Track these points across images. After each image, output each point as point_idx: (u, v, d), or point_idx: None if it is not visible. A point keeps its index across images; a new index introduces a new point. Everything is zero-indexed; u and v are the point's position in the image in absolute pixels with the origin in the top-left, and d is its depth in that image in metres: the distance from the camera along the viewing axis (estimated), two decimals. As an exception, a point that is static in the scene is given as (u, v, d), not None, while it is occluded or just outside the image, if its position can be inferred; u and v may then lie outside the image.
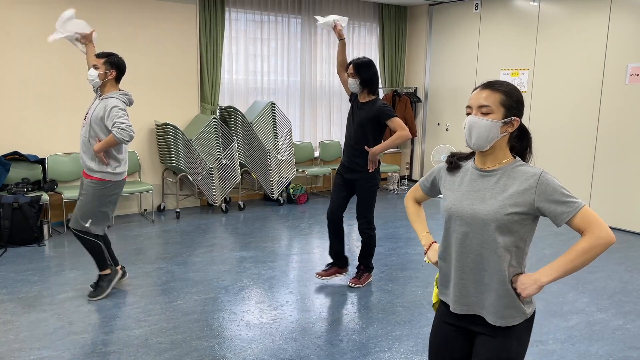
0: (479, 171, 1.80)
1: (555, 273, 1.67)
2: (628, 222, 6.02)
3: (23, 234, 5.07)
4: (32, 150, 5.66)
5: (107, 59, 3.74)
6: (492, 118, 1.72)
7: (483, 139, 1.73)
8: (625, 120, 5.97)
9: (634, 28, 5.83)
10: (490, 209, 1.72)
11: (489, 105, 1.72)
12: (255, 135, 6.52)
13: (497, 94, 1.73)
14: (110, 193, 3.81)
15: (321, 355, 3.20)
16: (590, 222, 1.65)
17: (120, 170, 3.80)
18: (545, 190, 1.68)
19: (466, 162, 1.88)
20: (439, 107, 8.14)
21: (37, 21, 5.56)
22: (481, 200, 1.75)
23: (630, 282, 4.54)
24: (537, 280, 1.69)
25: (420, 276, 4.55)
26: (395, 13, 8.16)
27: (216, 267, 4.65)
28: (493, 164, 1.78)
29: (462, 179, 1.84)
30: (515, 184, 1.72)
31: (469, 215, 1.76)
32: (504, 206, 1.71)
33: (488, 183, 1.77)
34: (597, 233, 1.64)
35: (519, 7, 6.91)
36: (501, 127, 1.72)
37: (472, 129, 1.73)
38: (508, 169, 1.76)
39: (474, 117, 1.74)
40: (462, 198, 1.80)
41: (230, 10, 6.81)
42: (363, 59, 4.04)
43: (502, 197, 1.72)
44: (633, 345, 3.42)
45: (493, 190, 1.75)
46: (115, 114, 3.62)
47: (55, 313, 3.67)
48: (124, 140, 3.60)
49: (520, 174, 1.73)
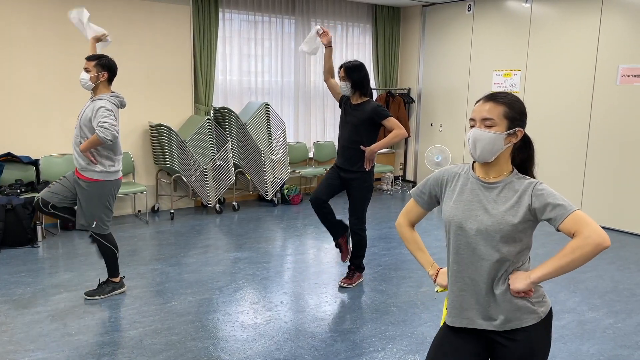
0: (481, 182, 1.81)
1: (544, 270, 1.69)
2: (619, 221, 6.08)
3: (17, 235, 5.05)
4: (25, 151, 5.65)
5: (97, 61, 3.75)
6: (495, 130, 1.73)
7: (487, 152, 1.74)
8: (616, 120, 6.03)
9: (625, 29, 5.88)
10: (494, 220, 1.74)
11: (493, 118, 1.73)
12: (249, 136, 6.53)
13: (500, 107, 1.74)
14: (106, 192, 3.83)
15: (315, 356, 3.22)
16: (580, 224, 1.65)
17: (114, 169, 3.82)
18: (540, 195, 1.71)
19: (463, 171, 1.88)
20: (432, 107, 8.18)
21: (31, 22, 5.54)
22: (485, 212, 1.77)
23: (622, 282, 4.58)
24: (527, 277, 1.73)
25: (414, 276, 4.57)
26: (388, 14, 8.19)
27: (210, 268, 4.66)
28: (497, 175, 1.80)
29: (462, 189, 1.84)
30: (515, 195, 1.75)
31: (473, 227, 1.78)
32: (508, 217, 1.73)
33: (491, 194, 1.78)
34: (585, 233, 1.64)
35: (511, 8, 6.96)
36: (505, 138, 1.74)
37: (476, 142, 1.75)
38: (509, 181, 1.78)
39: (478, 130, 1.75)
40: (465, 209, 1.80)
41: (224, 11, 6.81)
42: (354, 62, 4.08)
43: (504, 208, 1.74)
44: (624, 344, 3.46)
45: (497, 202, 1.76)
46: (101, 114, 3.64)
47: (49, 315, 3.67)
48: (106, 140, 3.62)
49: (518, 185, 1.76)
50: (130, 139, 6.25)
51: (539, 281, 1.72)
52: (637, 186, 5.91)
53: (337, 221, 4.28)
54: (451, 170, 1.91)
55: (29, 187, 5.48)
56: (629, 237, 5.89)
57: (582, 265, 1.70)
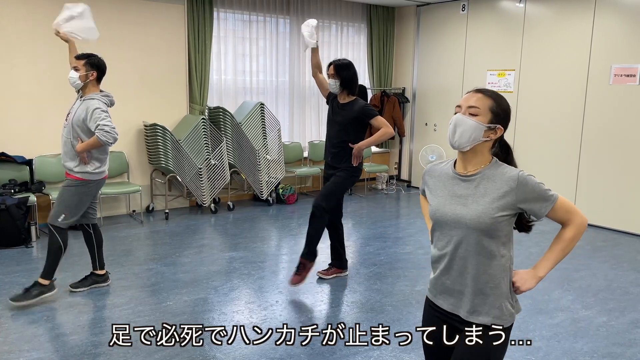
0: (458, 176, 1.83)
1: (548, 265, 1.80)
2: (613, 220, 6.11)
3: (10, 235, 5.03)
4: (19, 151, 5.62)
5: (87, 60, 3.74)
6: (478, 120, 1.76)
7: (465, 138, 1.76)
8: (609, 120, 6.06)
9: (618, 29, 5.92)
10: (473, 213, 1.75)
11: (478, 107, 1.76)
12: (244, 136, 6.53)
13: (488, 100, 1.78)
14: (89, 192, 3.84)
15: (311, 354, 3.22)
16: (569, 211, 1.78)
17: (100, 170, 3.82)
18: (525, 191, 1.73)
19: (446, 166, 1.90)
20: (426, 107, 8.20)
21: (24, 21, 5.52)
22: (463, 206, 1.78)
23: (615, 280, 4.61)
24: (535, 275, 1.81)
25: (409, 275, 4.59)
26: (383, 14, 8.20)
27: (206, 268, 4.66)
28: (474, 168, 1.81)
29: (443, 184, 1.87)
30: (495, 186, 1.76)
31: (452, 221, 1.80)
32: (487, 210, 1.74)
33: (468, 188, 1.80)
34: (578, 220, 1.78)
35: (505, 8, 6.98)
36: (485, 130, 1.76)
37: (457, 126, 1.77)
38: (487, 172, 1.79)
39: (460, 115, 1.78)
40: (445, 203, 1.83)
41: (218, 11, 6.80)
42: (343, 60, 4.11)
43: (484, 202, 1.76)
44: (617, 342, 3.49)
45: (474, 195, 1.78)
46: (98, 116, 3.62)
47: (44, 315, 3.66)
48: (108, 143, 3.62)
49: (499, 176, 1.77)
50: (124, 138, 6.22)
51: (545, 276, 1.82)
52: (630, 185, 5.95)
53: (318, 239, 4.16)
54: (434, 166, 1.95)
55: (23, 187, 5.46)
56: (622, 236, 5.93)
57: None
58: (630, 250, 5.46)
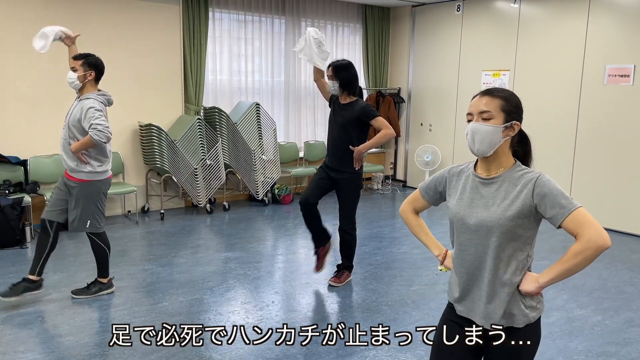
0: (480, 179, 1.82)
1: (551, 275, 1.71)
2: (607, 220, 6.13)
3: (5, 236, 5.01)
4: (13, 151, 5.59)
5: (84, 60, 3.73)
6: (493, 123, 1.75)
7: (486, 145, 1.75)
8: (603, 120, 6.09)
9: (612, 30, 5.95)
10: (494, 216, 1.75)
11: (490, 111, 1.75)
12: (239, 136, 6.52)
13: (497, 100, 1.76)
14: (96, 192, 3.81)
15: (307, 355, 3.23)
16: (581, 225, 1.65)
17: (102, 169, 3.79)
18: (541, 192, 1.71)
19: (467, 168, 1.90)
20: (422, 107, 8.22)
21: (19, 22, 5.50)
22: (485, 208, 1.78)
23: (609, 279, 4.64)
24: (536, 279, 1.75)
25: (405, 275, 4.60)
26: (378, 14, 8.21)
27: (201, 268, 4.65)
28: (496, 171, 1.80)
29: (464, 187, 1.86)
30: (516, 189, 1.75)
31: (473, 224, 1.79)
32: (507, 212, 1.73)
33: (490, 190, 1.79)
34: (587, 236, 1.64)
35: (500, 8, 7.01)
36: (502, 131, 1.76)
37: (474, 135, 1.76)
38: (509, 175, 1.78)
39: (475, 124, 1.76)
40: (466, 206, 1.82)
41: (213, 11, 6.79)
42: (342, 61, 4.10)
43: (504, 204, 1.75)
44: (611, 341, 3.51)
45: (495, 197, 1.77)
46: (92, 115, 3.60)
47: (39, 316, 3.65)
48: (100, 142, 3.60)
49: (520, 179, 1.76)
50: (119, 139, 6.21)
51: (546, 285, 1.74)
52: (625, 185, 5.98)
53: (322, 229, 4.28)
54: (455, 169, 1.93)
55: (17, 188, 5.43)
56: (617, 236, 5.96)
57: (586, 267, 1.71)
58: (625, 250, 5.49)
